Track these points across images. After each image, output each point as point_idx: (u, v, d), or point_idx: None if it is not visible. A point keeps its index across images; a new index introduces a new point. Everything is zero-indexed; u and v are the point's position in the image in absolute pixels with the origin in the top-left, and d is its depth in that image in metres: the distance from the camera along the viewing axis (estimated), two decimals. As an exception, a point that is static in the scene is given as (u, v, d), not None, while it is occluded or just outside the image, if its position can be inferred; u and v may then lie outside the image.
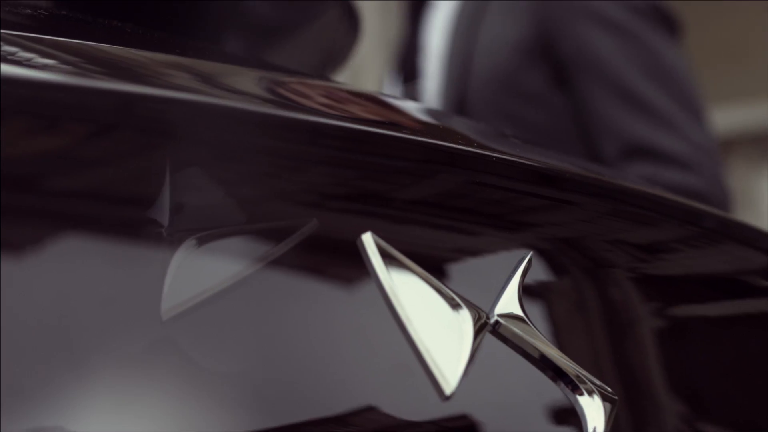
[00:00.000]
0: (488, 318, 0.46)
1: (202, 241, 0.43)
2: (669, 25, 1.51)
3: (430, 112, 0.65)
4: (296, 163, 0.48)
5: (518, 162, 0.51)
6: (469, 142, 0.52)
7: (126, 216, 0.43)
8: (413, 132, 0.49)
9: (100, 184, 0.42)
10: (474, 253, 0.52)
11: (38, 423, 0.37)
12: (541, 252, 0.55)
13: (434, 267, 0.48)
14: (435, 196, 0.50)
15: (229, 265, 0.43)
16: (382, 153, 0.48)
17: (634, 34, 1.47)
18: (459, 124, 0.57)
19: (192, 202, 0.44)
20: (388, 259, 0.43)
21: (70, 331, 0.39)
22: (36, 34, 0.47)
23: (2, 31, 0.46)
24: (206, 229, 0.44)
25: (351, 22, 0.80)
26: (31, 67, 0.44)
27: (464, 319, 0.44)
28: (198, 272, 0.42)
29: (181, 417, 0.39)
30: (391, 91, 1.62)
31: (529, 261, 0.50)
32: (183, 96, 0.44)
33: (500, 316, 0.47)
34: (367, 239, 0.43)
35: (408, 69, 1.60)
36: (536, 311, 0.54)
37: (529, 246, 0.54)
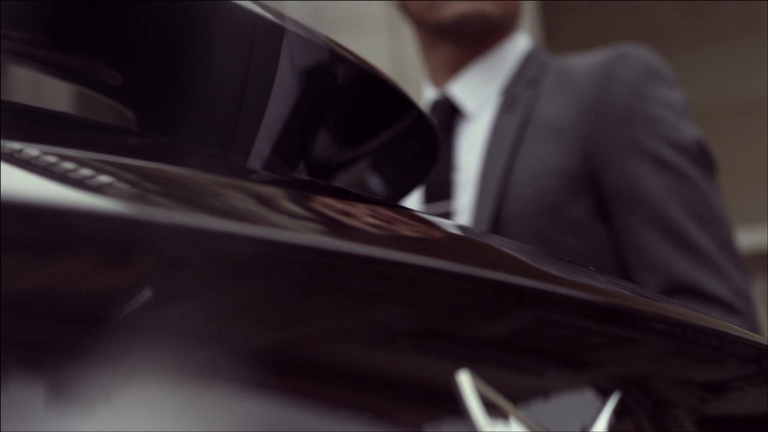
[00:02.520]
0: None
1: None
2: (709, 163, 1.51)
3: (490, 238, 0.64)
4: (360, 300, 0.46)
5: (602, 302, 0.50)
6: (541, 276, 0.51)
7: (194, 356, 0.41)
8: (485, 266, 0.48)
9: (166, 322, 0.41)
10: (545, 392, 0.50)
11: None
12: (608, 392, 0.53)
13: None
14: (506, 334, 0.49)
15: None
16: (456, 290, 0.46)
17: (681, 172, 1.47)
18: (525, 254, 0.56)
19: (257, 341, 0.43)
20: (483, 397, 0.41)
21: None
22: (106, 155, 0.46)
23: (90, 155, 0.45)
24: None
25: (428, 145, 0.79)
26: (97, 194, 0.43)
27: (551, 462, 0.42)
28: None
29: None
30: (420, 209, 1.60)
31: (617, 401, 0.49)
32: (254, 232, 0.43)
33: (586, 459, 0.45)
34: (465, 378, 0.41)
35: (438, 187, 1.58)
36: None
37: (599, 385, 0.52)
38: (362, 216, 0.55)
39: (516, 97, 1.58)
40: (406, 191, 0.82)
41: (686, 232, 1.45)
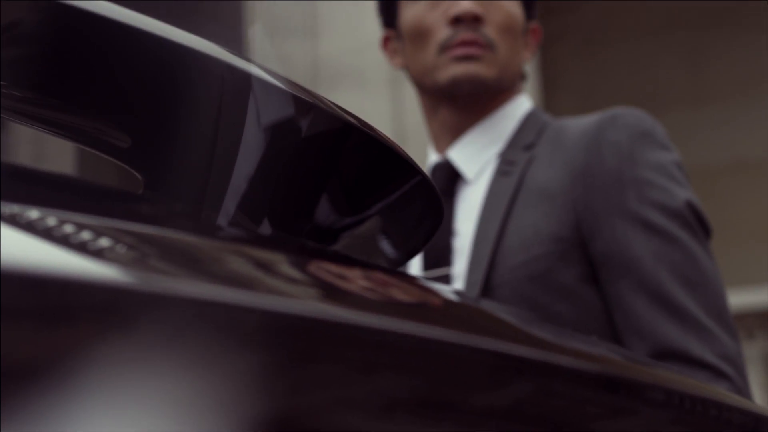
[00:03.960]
0: None
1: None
2: (701, 225, 1.51)
3: (488, 305, 0.64)
4: (359, 370, 0.47)
5: (601, 371, 0.50)
6: (541, 345, 0.51)
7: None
8: (485, 335, 0.48)
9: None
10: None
11: None
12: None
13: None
14: (506, 404, 0.49)
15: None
16: (456, 360, 0.47)
17: (670, 236, 1.47)
18: (523, 322, 0.56)
19: (256, 412, 0.43)
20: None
21: None
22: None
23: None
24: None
25: (431, 210, 0.79)
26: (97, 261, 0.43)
27: None
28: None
29: None
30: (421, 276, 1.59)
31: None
32: (264, 304, 0.43)
33: None
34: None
35: (437, 253, 1.58)
36: None
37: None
38: (361, 282, 0.56)
39: (511, 162, 1.58)
40: (411, 254, 0.82)
41: (673, 297, 1.45)
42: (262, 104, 0.70)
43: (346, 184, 0.76)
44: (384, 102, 6.63)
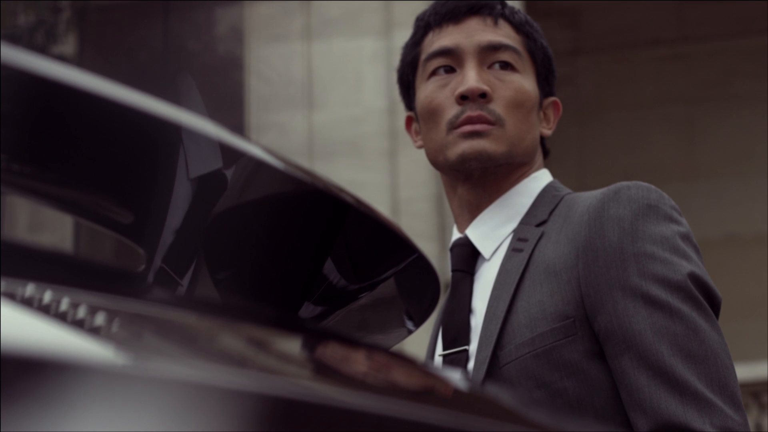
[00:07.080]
0: None
1: None
2: (707, 297, 1.50)
3: (487, 388, 0.65)
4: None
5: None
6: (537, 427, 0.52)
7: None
8: (477, 419, 0.49)
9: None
10: None
11: None
12: None
13: None
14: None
15: None
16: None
17: (672, 309, 1.47)
18: (522, 406, 0.57)
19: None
20: None
21: None
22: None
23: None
24: None
25: (428, 284, 0.80)
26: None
27: None
28: None
29: None
30: (435, 357, 1.60)
31: None
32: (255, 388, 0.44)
33: None
34: None
35: (456, 331, 1.58)
36: None
37: None
38: (354, 365, 0.56)
39: (524, 239, 1.59)
40: (414, 326, 0.83)
41: (674, 371, 1.45)
42: (261, 184, 0.70)
43: (346, 262, 0.77)
44: (380, 174, 6.65)
